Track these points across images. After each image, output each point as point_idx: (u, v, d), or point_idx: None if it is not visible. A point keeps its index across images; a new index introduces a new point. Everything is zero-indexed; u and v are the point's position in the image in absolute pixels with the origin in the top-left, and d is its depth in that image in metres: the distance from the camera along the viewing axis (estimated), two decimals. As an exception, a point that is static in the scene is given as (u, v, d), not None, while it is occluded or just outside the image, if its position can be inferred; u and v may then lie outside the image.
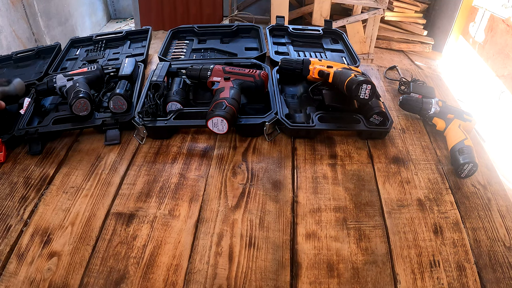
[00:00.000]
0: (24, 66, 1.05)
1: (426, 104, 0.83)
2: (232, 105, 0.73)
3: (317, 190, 0.68)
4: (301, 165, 0.73)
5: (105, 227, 0.61)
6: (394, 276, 0.55)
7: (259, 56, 1.00)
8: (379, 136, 0.80)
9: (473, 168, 0.70)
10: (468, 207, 0.67)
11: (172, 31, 1.12)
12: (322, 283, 0.54)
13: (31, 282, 0.54)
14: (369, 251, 0.58)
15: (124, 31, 1.14)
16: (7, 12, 2.03)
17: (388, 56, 3.00)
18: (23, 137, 0.76)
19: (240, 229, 0.61)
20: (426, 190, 0.69)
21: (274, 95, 0.84)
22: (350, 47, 1.06)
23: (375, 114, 0.78)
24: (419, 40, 3.04)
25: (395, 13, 2.98)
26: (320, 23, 2.52)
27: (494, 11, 2.58)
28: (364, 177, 0.71)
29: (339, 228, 0.62)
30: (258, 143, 0.78)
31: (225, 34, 1.14)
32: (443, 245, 0.60)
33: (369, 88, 0.72)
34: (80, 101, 0.75)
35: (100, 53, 1.07)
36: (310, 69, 0.86)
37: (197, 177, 0.70)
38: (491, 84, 2.49)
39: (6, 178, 0.71)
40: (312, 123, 0.77)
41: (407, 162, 0.75)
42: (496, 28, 2.55)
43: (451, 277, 0.55)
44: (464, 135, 0.76)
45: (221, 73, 0.83)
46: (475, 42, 2.87)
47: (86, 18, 3.13)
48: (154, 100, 0.79)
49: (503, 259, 0.58)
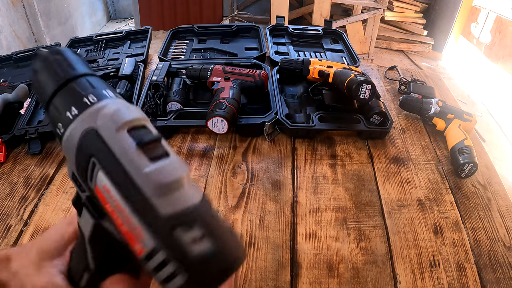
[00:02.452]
0: (24, 66, 1.05)
1: (426, 104, 0.83)
2: (232, 105, 0.73)
3: (317, 190, 0.68)
4: (301, 165, 0.73)
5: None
6: (394, 276, 0.55)
7: (259, 56, 1.00)
8: (379, 136, 0.80)
9: (473, 168, 0.70)
10: (468, 207, 0.67)
11: (172, 31, 1.12)
12: (322, 283, 0.54)
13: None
14: (369, 251, 0.58)
15: (124, 31, 1.14)
16: (7, 12, 2.03)
17: (388, 56, 3.00)
18: (23, 137, 0.76)
19: (240, 229, 0.61)
20: (426, 190, 0.69)
21: (274, 95, 0.84)
22: (350, 47, 1.06)
23: (375, 114, 0.78)
24: (419, 40, 3.04)
25: (395, 13, 2.98)
26: (320, 23, 2.52)
27: (501, 13, 2.58)
28: (364, 177, 0.71)
29: (339, 228, 0.62)
30: (258, 143, 0.78)
31: (225, 34, 1.14)
32: (443, 245, 0.60)
33: (369, 88, 0.72)
34: None
35: (100, 53, 1.07)
36: (310, 69, 0.86)
37: (197, 177, 0.70)
38: (504, 85, 2.50)
39: (6, 178, 0.71)
40: (312, 123, 0.77)
41: (407, 162, 0.75)
42: (506, 31, 2.56)
43: (451, 277, 0.56)
44: (464, 135, 0.76)
45: (221, 73, 0.83)
46: (480, 43, 2.87)
47: (86, 18, 3.13)
48: (154, 100, 0.79)
49: (503, 259, 0.58)
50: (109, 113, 0.21)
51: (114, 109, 0.21)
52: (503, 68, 2.57)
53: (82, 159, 0.21)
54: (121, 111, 0.21)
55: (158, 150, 0.20)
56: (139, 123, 0.21)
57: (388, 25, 3.08)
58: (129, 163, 0.19)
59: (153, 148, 0.20)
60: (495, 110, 2.39)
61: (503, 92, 2.47)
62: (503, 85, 2.51)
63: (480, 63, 2.82)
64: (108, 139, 0.20)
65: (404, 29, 3.10)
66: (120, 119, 0.21)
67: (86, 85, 0.22)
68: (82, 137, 0.21)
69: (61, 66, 0.23)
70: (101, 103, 0.21)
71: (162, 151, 0.21)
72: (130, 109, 0.22)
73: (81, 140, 0.21)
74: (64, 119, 0.22)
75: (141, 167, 0.19)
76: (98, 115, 0.21)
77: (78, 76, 0.23)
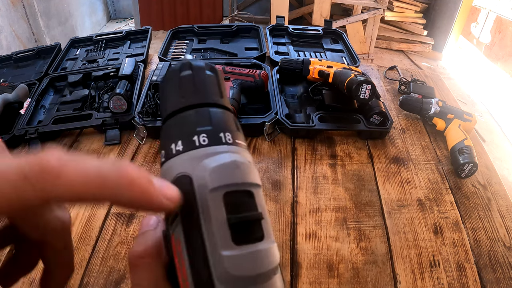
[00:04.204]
0: (24, 66, 1.05)
1: (426, 104, 0.83)
2: (232, 105, 0.73)
3: (317, 190, 0.68)
4: (301, 165, 0.73)
5: (105, 227, 0.61)
6: (394, 276, 0.55)
7: (259, 56, 1.00)
8: (379, 136, 0.80)
9: (473, 168, 0.70)
10: (468, 207, 0.67)
11: (172, 31, 1.12)
12: (322, 283, 0.54)
13: (31, 282, 0.54)
14: (369, 251, 0.58)
15: (124, 31, 1.14)
16: (7, 12, 2.03)
17: (388, 56, 3.00)
18: (23, 137, 0.76)
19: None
20: (426, 190, 0.69)
21: (274, 95, 0.84)
22: (350, 47, 1.06)
23: (375, 114, 0.78)
24: (419, 40, 3.04)
25: (395, 13, 2.98)
26: (320, 23, 2.52)
27: (501, 13, 2.59)
28: (364, 177, 0.71)
29: (339, 228, 0.62)
30: (258, 143, 0.78)
31: (225, 34, 1.14)
32: (443, 245, 0.60)
33: (369, 88, 0.72)
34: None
35: (100, 53, 1.07)
36: (310, 69, 0.86)
37: (197, 177, 0.70)
38: (504, 85, 2.50)
39: (6, 178, 0.71)
40: (312, 123, 0.77)
41: (407, 162, 0.75)
42: (506, 31, 2.56)
43: (451, 277, 0.56)
44: (464, 135, 0.76)
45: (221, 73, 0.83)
46: (480, 43, 2.87)
47: (86, 18, 3.13)
48: (154, 100, 0.79)
49: (503, 259, 0.58)
50: (210, 166, 0.17)
51: (219, 163, 0.17)
52: (503, 68, 2.58)
53: None
54: (226, 168, 0.17)
55: (251, 233, 0.16)
56: (243, 188, 0.17)
57: (388, 25, 3.08)
58: (209, 235, 0.16)
59: (245, 228, 0.16)
60: (495, 110, 2.39)
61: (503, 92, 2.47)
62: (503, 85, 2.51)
63: (480, 63, 2.82)
64: (200, 196, 0.17)
65: (404, 29, 3.10)
66: (220, 179, 0.17)
67: (205, 118, 0.18)
68: (176, 179, 0.17)
69: (197, 86, 0.19)
70: (209, 149, 0.18)
71: (256, 235, 0.16)
72: (240, 167, 0.17)
73: (174, 182, 0.17)
74: (168, 150, 0.18)
75: (219, 247, 0.16)
76: (199, 163, 0.17)
77: (203, 104, 0.19)
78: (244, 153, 0.19)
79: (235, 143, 0.19)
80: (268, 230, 0.17)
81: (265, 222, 0.17)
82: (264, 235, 0.17)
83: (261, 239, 0.16)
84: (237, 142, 0.19)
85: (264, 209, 0.17)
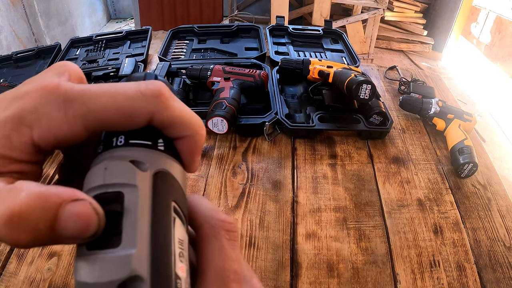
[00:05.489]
0: (24, 66, 1.05)
1: (426, 104, 0.83)
2: (232, 105, 0.73)
3: (317, 190, 0.68)
4: (301, 165, 0.73)
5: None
6: (394, 276, 0.55)
7: (259, 56, 1.00)
8: (379, 136, 0.80)
9: (473, 168, 0.70)
10: (468, 207, 0.67)
11: (172, 31, 1.12)
12: (322, 283, 0.54)
13: (31, 282, 0.54)
14: (369, 251, 0.58)
15: (124, 31, 1.14)
16: (7, 12, 2.03)
17: (388, 56, 3.00)
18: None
19: (240, 229, 0.61)
20: (426, 190, 0.69)
21: (274, 95, 0.84)
22: (350, 47, 1.06)
23: (375, 114, 0.78)
24: (419, 40, 3.04)
25: (395, 13, 2.98)
26: (320, 23, 2.52)
27: (501, 13, 2.59)
28: (364, 177, 0.71)
29: (339, 228, 0.62)
30: (258, 143, 0.78)
31: (225, 34, 1.14)
32: (443, 245, 0.60)
33: (369, 88, 0.72)
34: None
35: (100, 53, 1.07)
36: (310, 69, 0.86)
37: (197, 177, 0.70)
38: (504, 85, 2.50)
39: (6, 178, 0.71)
40: (312, 123, 0.77)
41: (407, 162, 0.75)
42: (505, 31, 2.56)
43: (451, 277, 0.56)
44: (464, 135, 0.76)
45: (221, 73, 0.83)
46: (480, 43, 2.87)
47: (86, 18, 3.13)
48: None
49: (503, 259, 0.58)
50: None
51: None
52: (503, 68, 2.58)
53: None
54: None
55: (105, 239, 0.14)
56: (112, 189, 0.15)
57: (388, 25, 3.08)
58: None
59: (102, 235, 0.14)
60: (495, 110, 2.39)
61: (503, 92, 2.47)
62: (503, 85, 2.51)
63: (480, 63, 2.82)
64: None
65: (404, 29, 3.10)
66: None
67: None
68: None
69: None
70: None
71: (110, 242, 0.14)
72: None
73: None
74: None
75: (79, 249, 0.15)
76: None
77: None
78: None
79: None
80: (132, 239, 0.14)
81: (131, 228, 0.14)
82: (121, 243, 0.14)
83: (116, 246, 0.14)
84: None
85: (141, 214, 0.15)
